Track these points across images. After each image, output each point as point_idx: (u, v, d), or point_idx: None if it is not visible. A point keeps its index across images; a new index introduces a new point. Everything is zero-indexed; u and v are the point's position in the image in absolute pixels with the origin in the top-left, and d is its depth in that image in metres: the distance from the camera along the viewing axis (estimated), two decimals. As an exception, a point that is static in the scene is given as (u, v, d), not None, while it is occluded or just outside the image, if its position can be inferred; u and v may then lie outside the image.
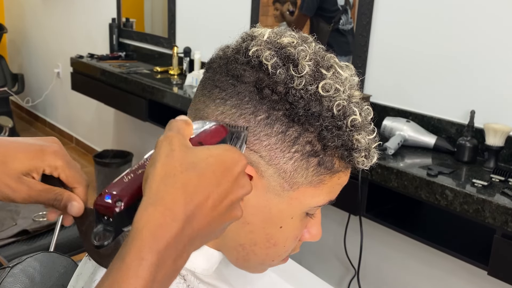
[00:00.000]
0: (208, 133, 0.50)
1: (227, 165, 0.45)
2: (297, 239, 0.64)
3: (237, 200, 0.46)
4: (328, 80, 0.56)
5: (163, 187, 0.42)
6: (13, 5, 5.14)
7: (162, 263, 0.40)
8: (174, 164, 0.43)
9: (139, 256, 0.39)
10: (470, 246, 1.51)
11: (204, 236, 0.45)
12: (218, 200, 0.44)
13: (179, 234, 0.41)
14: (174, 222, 0.41)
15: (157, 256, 0.40)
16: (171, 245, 0.40)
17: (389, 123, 1.74)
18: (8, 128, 2.49)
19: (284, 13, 2.37)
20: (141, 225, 0.40)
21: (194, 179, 0.43)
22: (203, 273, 0.63)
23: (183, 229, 0.41)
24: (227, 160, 0.46)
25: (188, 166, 0.43)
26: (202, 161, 0.44)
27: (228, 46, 0.62)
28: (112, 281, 0.39)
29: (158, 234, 0.40)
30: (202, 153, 0.45)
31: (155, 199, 0.41)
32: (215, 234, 0.47)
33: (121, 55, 3.36)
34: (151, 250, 0.40)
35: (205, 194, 0.43)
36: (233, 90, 0.57)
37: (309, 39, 0.60)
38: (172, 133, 0.46)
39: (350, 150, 0.57)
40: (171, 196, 0.42)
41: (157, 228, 0.40)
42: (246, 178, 0.48)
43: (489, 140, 1.53)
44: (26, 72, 4.89)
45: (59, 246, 1.71)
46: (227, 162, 0.45)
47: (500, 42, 1.58)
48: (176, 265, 0.42)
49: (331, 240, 2.18)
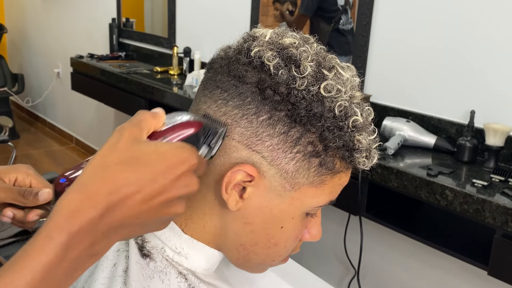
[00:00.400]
0: (173, 127, 0.51)
1: (170, 163, 0.46)
2: (298, 239, 0.64)
3: (175, 197, 0.47)
4: (329, 81, 0.56)
5: (92, 176, 0.44)
6: (13, 5, 5.14)
7: (73, 245, 0.42)
8: (112, 156, 0.45)
9: (49, 235, 0.41)
10: (470, 246, 1.51)
11: (131, 226, 0.46)
12: (150, 195, 0.45)
13: (95, 221, 0.42)
14: (92, 209, 0.42)
15: (67, 237, 0.41)
16: (85, 229, 0.42)
17: (389, 123, 1.74)
18: (8, 128, 2.48)
19: (283, 13, 2.37)
20: (59, 208, 0.43)
21: (126, 172, 0.44)
22: (203, 273, 0.64)
23: (101, 217, 0.43)
24: (171, 158, 0.47)
25: (125, 159, 0.45)
26: (143, 156, 0.46)
27: (230, 46, 0.62)
28: (22, 252, 0.42)
29: (72, 217, 0.42)
30: (147, 148, 0.47)
31: (79, 186, 0.44)
32: (150, 226, 0.49)
33: (121, 55, 3.36)
34: (61, 230, 0.41)
35: (136, 188, 0.44)
36: (235, 91, 0.57)
37: (310, 39, 0.60)
38: (128, 125, 0.48)
39: (351, 151, 0.57)
40: (96, 186, 0.43)
41: (73, 212, 0.42)
42: (192, 178, 0.48)
43: (489, 140, 1.53)
44: (26, 72, 4.90)
45: (59, 246, 1.71)
46: (170, 160, 0.46)
47: (500, 42, 1.58)
48: (94, 250, 0.44)
49: (331, 240, 2.18)
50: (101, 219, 0.43)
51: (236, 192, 0.58)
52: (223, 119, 0.57)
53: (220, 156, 0.58)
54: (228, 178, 0.57)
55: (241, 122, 0.56)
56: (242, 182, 0.57)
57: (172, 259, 0.62)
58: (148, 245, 0.62)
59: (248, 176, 0.57)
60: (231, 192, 0.58)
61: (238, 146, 0.57)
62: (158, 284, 0.59)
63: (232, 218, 0.60)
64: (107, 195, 0.43)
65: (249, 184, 0.57)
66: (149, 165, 0.45)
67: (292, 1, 2.33)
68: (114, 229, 0.45)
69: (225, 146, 0.57)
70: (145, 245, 0.62)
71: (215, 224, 0.62)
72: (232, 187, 0.57)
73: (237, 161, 0.57)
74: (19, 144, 4.33)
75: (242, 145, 0.56)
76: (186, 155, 0.48)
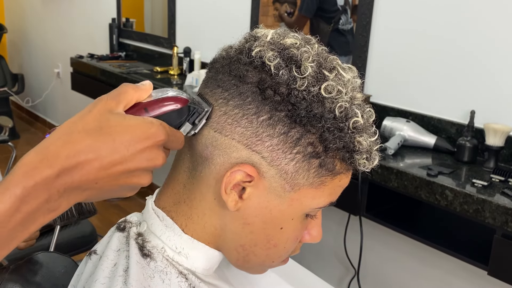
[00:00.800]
0: (158, 100, 0.53)
1: (134, 136, 0.49)
2: (298, 240, 0.64)
3: (136, 169, 0.49)
4: (330, 81, 0.56)
5: (55, 140, 0.47)
6: (13, 5, 5.14)
7: (28, 199, 0.45)
8: (79, 123, 0.48)
9: (7, 186, 0.45)
10: (470, 246, 1.51)
11: (90, 190, 0.48)
12: (109, 163, 0.47)
13: (50, 180, 0.45)
14: (48, 168, 0.45)
15: (22, 191, 0.44)
16: (40, 186, 0.45)
17: (389, 123, 1.74)
18: (8, 128, 2.48)
19: (282, 15, 2.36)
20: (19, 165, 0.46)
21: (88, 140, 0.47)
22: (203, 273, 0.64)
23: (57, 177, 0.46)
24: (136, 131, 0.49)
25: (90, 128, 0.48)
26: (108, 127, 0.48)
27: (231, 46, 0.62)
28: None
29: (28, 174, 0.45)
30: (114, 120, 0.49)
31: (41, 148, 0.47)
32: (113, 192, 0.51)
33: (121, 55, 3.36)
34: (17, 184, 0.44)
35: (94, 155, 0.47)
36: (236, 91, 0.57)
37: (312, 40, 0.60)
38: (105, 97, 0.51)
39: (351, 152, 0.57)
40: (56, 148, 0.46)
41: (30, 169, 0.45)
42: (158, 153, 0.51)
43: (489, 140, 1.53)
44: (26, 72, 4.90)
45: (59, 246, 1.70)
46: (135, 133, 0.49)
47: (499, 42, 1.59)
48: (50, 206, 0.47)
49: (331, 240, 2.18)
50: (57, 179, 0.46)
51: (236, 192, 0.58)
52: (223, 119, 0.57)
53: (220, 156, 0.58)
54: (227, 178, 0.57)
55: (241, 122, 0.56)
56: (241, 182, 0.57)
57: (172, 259, 0.62)
58: (148, 245, 0.62)
59: (248, 177, 0.57)
60: (230, 192, 0.58)
61: (238, 146, 0.57)
62: (158, 283, 0.59)
63: (232, 219, 0.60)
64: (64, 158, 0.46)
65: (249, 184, 0.57)
66: (111, 135, 0.48)
67: (291, 2, 2.33)
68: (72, 190, 0.47)
69: (225, 145, 0.57)
70: (146, 245, 0.62)
71: (215, 224, 0.62)
72: (232, 187, 0.57)
73: (237, 161, 0.57)
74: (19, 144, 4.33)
75: (242, 145, 0.56)
76: (153, 130, 0.50)
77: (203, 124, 0.57)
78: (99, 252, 0.66)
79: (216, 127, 0.58)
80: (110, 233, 0.67)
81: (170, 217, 0.63)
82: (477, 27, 1.64)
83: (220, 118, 0.57)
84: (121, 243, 0.63)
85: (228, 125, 0.57)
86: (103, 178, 0.48)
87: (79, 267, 0.70)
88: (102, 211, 3.17)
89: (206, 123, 0.58)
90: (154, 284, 0.59)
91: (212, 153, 0.58)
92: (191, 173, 0.61)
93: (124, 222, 0.66)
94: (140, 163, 0.49)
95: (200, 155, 0.59)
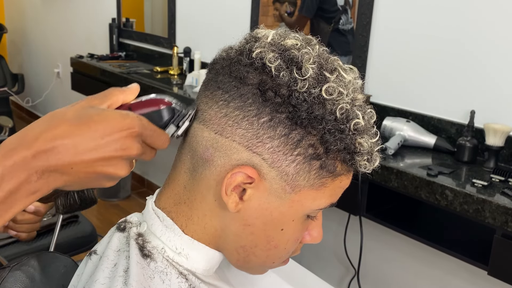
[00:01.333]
0: (141, 102, 0.56)
1: (109, 126, 0.50)
2: (298, 241, 0.64)
3: (111, 157, 0.51)
4: (331, 83, 0.56)
5: (35, 126, 0.50)
6: (13, 5, 5.14)
7: (8, 178, 0.47)
8: (59, 114, 0.51)
9: None
10: (470, 246, 1.51)
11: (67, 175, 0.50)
12: (83, 150, 0.49)
13: (28, 160, 0.48)
14: (25, 149, 0.48)
15: (2, 169, 0.47)
16: (18, 165, 0.48)
17: (389, 123, 1.74)
18: (8, 128, 2.48)
19: (282, 15, 2.36)
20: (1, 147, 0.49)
21: (65, 126, 0.50)
22: (203, 273, 0.64)
23: (33, 157, 0.48)
24: (111, 122, 0.51)
25: (69, 118, 0.50)
26: (87, 117, 0.50)
27: (231, 47, 0.61)
28: None
29: (7, 154, 0.48)
30: (92, 112, 0.51)
31: (22, 134, 0.50)
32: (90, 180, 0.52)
33: (121, 55, 3.36)
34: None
35: (70, 141, 0.49)
36: (236, 92, 0.57)
37: (313, 41, 0.60)
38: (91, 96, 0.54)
39: (352, 154, 0.57)
40: (35, 133, 0.49)
41: (9, 150, 0.48)
42: (133, 144, 0.52)
43: (489, 140, 1.53)
44: (26, 72, 4.89)
45: (59, 246, 1.70)
46: (110, 123, 0.51)
47: (500, 42, 1.59)
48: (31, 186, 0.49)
49: (331, 240, 2.18)
50: (33, 160, 0.48)
51: (236, 193, 0.58)
52: (224, 121, 0.57)
53: (220, 158, 0.58)
54: (228, 179, 0.57)
55: (242, 124, 0.56)
56: (242, 184, 0.57)
57: (172, 259, 0.62)
58: (148, 245, 0.62)
59: (248, 178, 0.57)
60: (231, 194, 0.58)
61: (239, 148, 0.57)
62: (158, 284, 0.59)
63: (232, 220, 0.60)
64: (41, 141, 0.49)
65: (249, 186, 0.57)
66: (88, 124, 0.50)
67: (291, 2, 2.33)
68: (50, 173, 0.49)
69: (226, 147, 0.57)
70: (146, 245, 0.62)
71: (215, 225, 0.62)
72: (232, 188, 0.57)
73: (237, 162, 0.57)
74: (19, 144, 4.32)
75: (243, 147, 0.56)
76: (128, 121, 0.51)
77: (187, 126, 0.59)
78: (99, 252, 0.66)
79: (216, 129, 0.58)
80: (110, 233, 0.67)
81: (170, 218, 0.63)
82: (477, 27, 1.64)
83: (220, 120, 0.57)
84: (121, 244, 0.63)
85: (229, 127, 0.57)
86: (78, 163, 0.50)
87: (79, 267, 0.70)
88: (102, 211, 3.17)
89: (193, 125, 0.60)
90: (154, 284, 0.59)
91: (213, 155, 0.58)
92: (192, 174, 0.61)
93: (124, 222, 0.66)
94: (114, 152, 0.51)
95: (200, 156, 0.59)
